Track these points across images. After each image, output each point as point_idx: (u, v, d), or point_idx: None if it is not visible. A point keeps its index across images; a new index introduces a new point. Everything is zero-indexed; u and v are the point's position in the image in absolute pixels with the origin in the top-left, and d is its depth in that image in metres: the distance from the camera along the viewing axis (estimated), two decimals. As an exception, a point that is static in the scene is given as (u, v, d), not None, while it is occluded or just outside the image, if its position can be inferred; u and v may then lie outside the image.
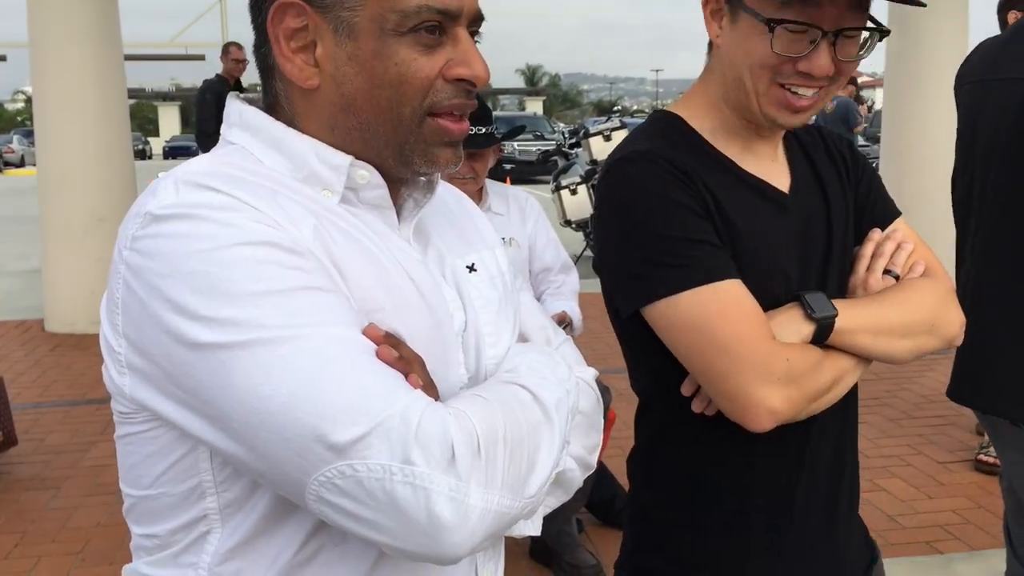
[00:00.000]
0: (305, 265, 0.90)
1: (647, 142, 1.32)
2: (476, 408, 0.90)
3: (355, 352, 0.87)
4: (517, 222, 3.36)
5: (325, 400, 0.83)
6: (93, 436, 4.80)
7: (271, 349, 0.85)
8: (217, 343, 0.85)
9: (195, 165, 0.98)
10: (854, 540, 1.47)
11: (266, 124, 1.02)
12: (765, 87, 1.25)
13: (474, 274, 1.13)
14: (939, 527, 3.66)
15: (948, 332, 1.34)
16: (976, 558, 3.42)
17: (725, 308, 1.20)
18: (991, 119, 1.92)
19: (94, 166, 7.10)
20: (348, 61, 0.97)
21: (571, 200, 9.49)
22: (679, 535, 1.38)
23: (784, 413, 1.20)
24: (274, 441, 0.84)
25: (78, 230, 7.04)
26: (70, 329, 7.06)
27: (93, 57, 7.07)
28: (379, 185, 1.02)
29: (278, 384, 0.84)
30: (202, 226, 0.88)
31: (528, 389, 0.98)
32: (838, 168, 1.43)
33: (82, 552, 3.56)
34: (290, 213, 0.94)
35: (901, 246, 1.38)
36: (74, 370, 6.12)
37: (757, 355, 1.18)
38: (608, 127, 9.64)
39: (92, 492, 4.10)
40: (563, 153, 13.80)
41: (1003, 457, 2.06)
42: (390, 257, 1.01)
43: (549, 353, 1.10)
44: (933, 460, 4.27)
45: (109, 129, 7.25)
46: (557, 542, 3.34)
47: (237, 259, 0.87)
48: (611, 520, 3.70)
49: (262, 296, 0.86)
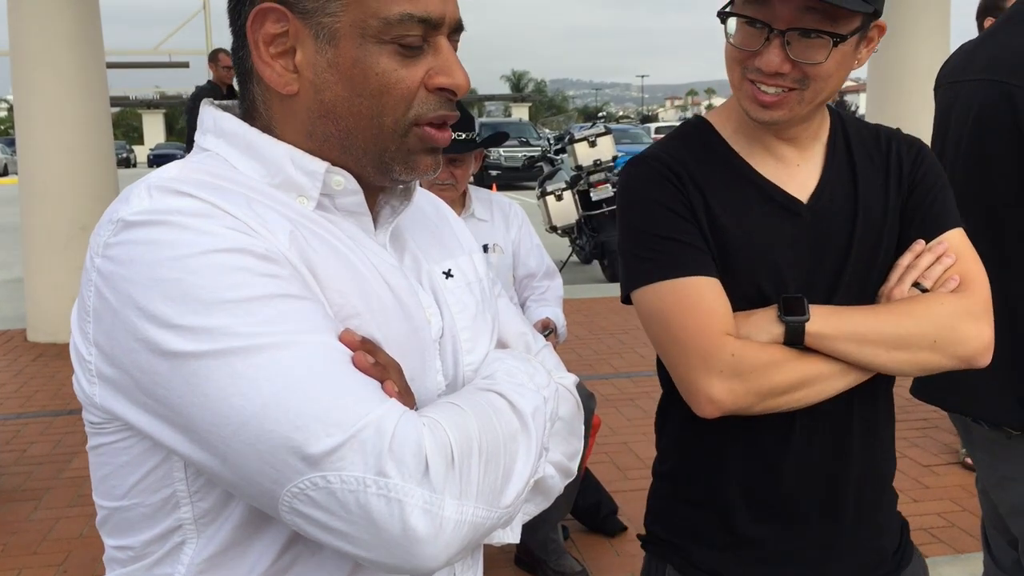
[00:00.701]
0: (279, 272, 0.89)
1: (662, 146, 1.42)
2: (451, 417, 0.89)
3: (329, 360, 0.86)
4: (501, 228, 3.36)
5: (298, 410, 0.82)
6: (75, 447, 4.76)
7: (244, 358, 0.83)
8: (189, 352, 0.84)
9: (168, 171, 0.97)
10: (863, 548, 1.45)
11: (240, 130, 1.01)
12: (738, 81, 1.32)
13: (451, 280, 1.12)
14: (924, 530, 3.67)
15: (960, 350, 1.31)
16: (961, 561, 3.43)
17: (682, 302, 1.30)
18: (958, 119, 1.93)
19: (76, 175, 7.05)
20: (328, 68, 0.96)
21: (557, 206, 9.49)
22: (672, 507, 1.48)
23: (726, 404, 1.27)
24: (246, 452, 0.83)
25: (60, 239, 7.00)
26: (52, 339, 7.01)
27: (75, 65, 7.03)
28: (355, 191, 1.01)
29: (250, 394, 0.83)
30: (175, 233, 0.87)
31: (504, 396, 0.97)
32: (889, 174, 1.41)
33: (64, 564, 3.53)
34: (265, 219, 0.93)
35: (940, 260, 1.36)
36: (56, 380, 6.07)
37: (702, 347, 1.27)
38: (593, 133, 9.65)
39: (74, 503, 4.06)
40: (549, 159, 13.81)
41: (974, 458, 2.07)
42: (366, 263, 1.00)
43: (527, 359, 1.10)
44: (918, 463, 4.28)
45: (92, 137, 7.21)
46: (543, 549, 3.33)
47: (210, 266, 0.86)
48: (597, 527, 3.69)
49: (235, 304, 0.85)
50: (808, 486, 1.39)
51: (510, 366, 1.05)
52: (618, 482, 4.10)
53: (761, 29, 1.25)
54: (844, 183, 1.40)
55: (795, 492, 1.39)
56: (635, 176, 1.39)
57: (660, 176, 1.35)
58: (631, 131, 28.86)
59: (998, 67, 1.84)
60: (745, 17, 1.27)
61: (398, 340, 0.99)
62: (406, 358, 0.98)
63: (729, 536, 1.41)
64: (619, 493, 3.88)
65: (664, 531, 1.49)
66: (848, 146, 1.43)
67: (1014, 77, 1.78)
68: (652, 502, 1.54)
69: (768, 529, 1.40)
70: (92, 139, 7.21)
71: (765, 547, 1.40)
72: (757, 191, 1.37)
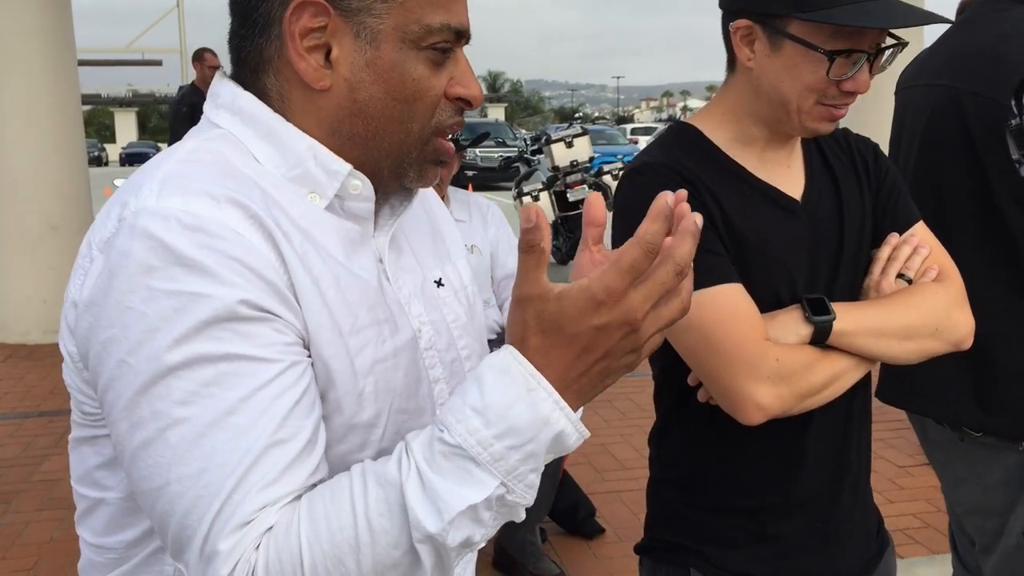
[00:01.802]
0: (251, 331, 0.86)
1: (659, 153, 1.41)
2: (282, 567, 0.81)
3: (238, 450, 0.83)
4: (479, 229, 3.35)
5: (188, 508, 0.83)
6: (46, 449, 4.69)
7: (172, 430, 0.84)
8: (134, 390, 0.85)
9: (184, 152, 0.94)
10: (862, 527, 1.52)
11: (263, 114, 0.98)
12: (810, 107, 1.34)
13: (441, 289, 1.11)
14: (900, 531, 3.68)
15: (954, 336, 1.40)
16: (937, 562, 3.45)
17: (720, 311, 1.28)
18: (911, 125, 1.95)
19: (47, 173, 6.97)
20: (366, 67, 0.95)
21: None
22: (684, 512, 1.47)
23: (773, 409, 1.28)
24: (148, 508, 0.88)
25: (30, 238, 6.90)
26: (23, 339, 6.91)
27: (45, 62, 6.93)
28: (368, 198, 1.00)
29: (161, 468, 0.84)
30: (162, 258, 0.84)
31: (406, 503, 0.81)
32: (858, 172, 1.49)
33: (33, 568, 3.48)
34: (279, 222, 0.91)
35: (917, 251, 1.44)
36: (26, 381, 5.98)
37: (747, 355, 1.27)
38: (570, 134, 9.66)
39: (44, 506, 4.00)
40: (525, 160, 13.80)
41: (931, 460, 2.08)
42: (362, 273, 0.99)
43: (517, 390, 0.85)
44: (893, 464, 4.31)
45: (62, 135, 7.12)
46: (520, 552, 3.31)
47: (177, 315, 0.83)
48: (575, 529, 3.68)
49: (184, 367, 0.83)
50: (820, 477, 1.44)
51: (473, 426, 0.81)
52: (596, 484, 4.09)
53: (851, 56, 1.30)
54: (826, 181, 1.46)
55: (810, 485, 1.43)
56: (644, 185, 1.34)
57: (673, 183, 1.32)
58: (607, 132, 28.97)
59: (946, 71, 1.85)
60: (857, 51, 1.30)
61: (397, 352, 0.99)
62: (403, 372, 0.98)
63: (750, 535, 1.43)
64: (597, 495, 3.87)
65: (678, 536, 1.48)
66: (818, 146, 1.49)
67: (960, 80, 1.79)
68: (658, 508, 1.53)
69: (787, 524, 1.43)
70: (63, 137, 7.13)
71: (785, 541, 1.43)
72: (760, 195, 1.40)
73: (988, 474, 1.88)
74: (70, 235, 6.81)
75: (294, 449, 0.85)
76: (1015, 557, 1.87)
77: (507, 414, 0.80)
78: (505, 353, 0.82)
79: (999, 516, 1.88)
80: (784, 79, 1.33)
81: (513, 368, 0.81)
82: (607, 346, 0.80)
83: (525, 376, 0.80)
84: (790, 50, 1.31)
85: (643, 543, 1.55)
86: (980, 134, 1.75)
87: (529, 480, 0.82)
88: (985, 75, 1.74)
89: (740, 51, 1.36)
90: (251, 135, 0.98)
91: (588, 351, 0.80)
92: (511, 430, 0.80)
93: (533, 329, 0.81)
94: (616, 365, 0.82)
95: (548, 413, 0.80)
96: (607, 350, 0.81)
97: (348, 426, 0.94)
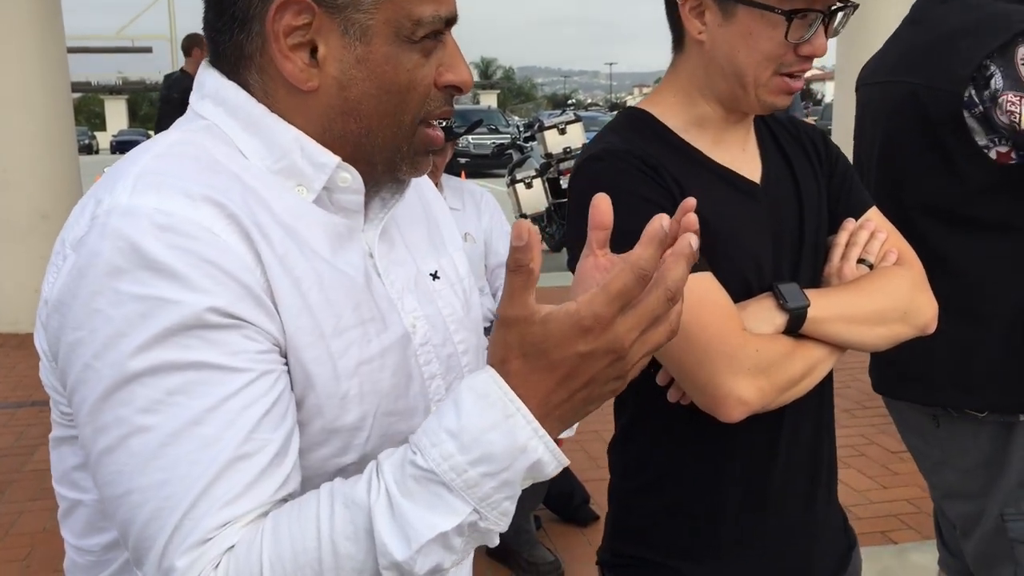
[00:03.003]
0: (225, 339, 0.83)
1: (617, 139, 1.34)
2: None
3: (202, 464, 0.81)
4: (472, 217, 3.34)
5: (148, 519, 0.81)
6: (38, 439, 4.67)
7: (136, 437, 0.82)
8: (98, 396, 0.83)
9: (162, 147, 0.92)
10: (831, 529, 1.48)
11: (247, 104, 0.95)
12: (767, 77, 1.28)
13: (437, 282, 1.09)
14: (893, 516, 3.70)
15: (920, 319, 1.37)
16: (930, 547, 3.43)
17: (694, 302, 1.19)
18: (872, 121, 1.97)
19: (37, 162, 6.93)
20: (357, 64, 0.92)
21: (526, 194, 9.45)
22: (655, 522, 1.40)
23: (755, 403, 1.22)
24: (111, 514, 0.86)
25: (21, 228, 6.87)
26: (13, 329, 6.88)
27: (35, 50, 6.88)
28: (358, 190, 0.98)
29: (124, 475, 0.82)
30: (132, 261, 0.82)
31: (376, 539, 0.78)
32: (810, 157, 1.45)
33: (26, 559, 3.47)
34: (257, 219, 0.88)
35: (875, 235, 1.40)
36: (18, 371, 5.96)
37: (727, 348, 1.20)
38: (563, 120, 9.61)
39: (37, 496, 3.99)
40: (518, 147, 13.75)
41: (908, 445, 2.09)
42: (348, 269, 0.96)
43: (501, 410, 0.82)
44: (886, 450, 4.31)
45: (52, 123, 7.07)
46: (515, 540, 3.31)
47: (144, 321, 0.81)
48: (569, 516, 3.69)
49: (150, 374, 0.81)
50: (795, 476, 1.39)
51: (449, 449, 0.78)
52: (590, 471, 4.09)
53: (807, 17, 1.25)
54: (781, 165, 1.42)
55: (785, 485, 1.38)
56: (605, 171, 1.28)
57: (636, 170, 1.27)
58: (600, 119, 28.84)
59: (901, 67, 1.87)
60: (813, 11, 1.25)
61: (384, 352, 0.96)
62: (391, 373, 0.96)
63: (724, 542, 1.36)
64: (591, 482, 3.87)
65: (646, 551, 1.40)
66: (770, 130, 1.45)
67: (915, 75, 1.81)
68: (623, 518, 1.46)
69: (763, 527, 1.38)
70: (53, 125, 7.08)
71: (761, 546, 1.37)
72: (720, 179, 1.34)
73: (964, 458, 1.89)
74: (61, 224, 6.47)
75: (260, 463, 0.82)
76: (994, 540, 1.88)
77: (483, 439, 0.76)
78: (485, 376, 0.78)
79: (977, 500, 1.89)
80: (740, 49, 1.27)
81: (492, 392, 0.77)
82: (591, 373, 0.77)
83: (504, 401, 0.77)
84: (744, 16, 1.26)
85: (607, 558, 1.47)
86: (941, 124, 1.76)
87: (503, 508, 0.79)
88: (940, 68, 1.76)
89: (690, 24, 1.30)
90: (235, 126, 0.95)
91: (571, 378, 0.77)
92: (486, 457, 0.77)
93: (515, 352, 0.77)
94: (599, 392, 0.79)
95: (525, 441, 0.77)
96: (591, 377, 0.77)
97: (329, 430, 0.91)
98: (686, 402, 1.28)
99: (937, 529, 2.21)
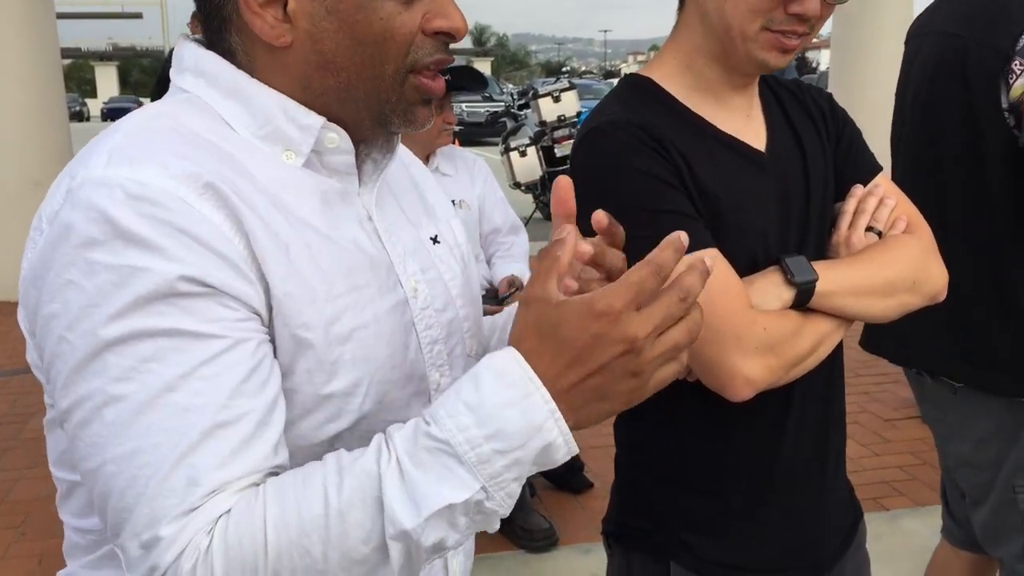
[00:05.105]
0: (200, 307, 0.81)
1: (620, 109, 1.30)
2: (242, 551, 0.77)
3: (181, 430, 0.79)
4: (466, 183, 3.32)
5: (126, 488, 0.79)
6: (33, 407, 4.67)
7: (111, 407, 0.80)
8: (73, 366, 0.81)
9: (139, 120, 0.90)
10: (838, 502, 1.46)
11: (227, 72, 0.93)
12: (755, 32, 1.23)
13: (438, 246, 1.07)
14: (885, 483, 3.72)
15: (931, 288, 1.34)
16: (922, 513, 3.49)
17: None
18: (918, 73, 1.94)
19: (27, 129, 6.87)
20: (327, 16, 0.89)
21: (520, 162, 9.42)
22: (660, 496, 1.38)
23: (762, 382, 1.19)
24: (90, 488, 0.83)
25: (12, 195, 6.82)
26: (6, 296, 6.82)
27: (23, 15, 6.80)
28: (348, 151, 0.96)
29: (99, 448, 0.80)
30: (106, 231, 0.80)
31: (383, 497, 0.77)
32: (816, 123, 1.41)
33: (21, 526, 3.48)
34: (238, 188, 0.86)
35: (883, 202, 1.37)
36: (12, 338, 5.95)
37: (734, 327, 1.17)
38: (557, 88, 9.55)
39: (32, 464, 3.99)
40: (512, 114, 13.70)
41: (926, 414, 2.09)
42: (341, 236, 0.95)
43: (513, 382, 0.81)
44: (879, 417, 4.34)
45: (42, 90, 7.01)
46: (509, 506, 3.33)
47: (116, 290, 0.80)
48: (564, 484, 3.71)
49: (123, 342, 0.79)
50: (803, 452, 1.37)
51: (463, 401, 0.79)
52: (584, 438, 4.09)
53: None
54: (785, 132, 1.37)
55: (793, 461, 1.36)
56: (608, 145, 1.24)
57: (640, 143, 1.23)
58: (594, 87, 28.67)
59: (956, 20, 1.84)
60: None
61: (379, 318, 0.94)
62: (387, 340, 0.95)
63: (731, 519, 1.35)
64: (585, 450, 3.87)
65: (654, 524, 1.38)
66: (774, 93, 1.41)
67: (968, 29, 1.78)
68: (630, 491, 1.44)
69: (771, 503, 1.36)
70: (42, 92, 7.02)
71: (769, 523, 1.36)
72: (726, 149, 1.30)
73: (979, 428, 1.89)
74: (52, 191, 6.72)
75: (243, 431, 0.80)
76: (1004, 511, 1.89)
77: (499, 415, 0.77)
78: (506, 355, 0.79)
79: (990, 470, 1.89)
80: (726, 1, 1.23)
81: (512, 370, 0.78)
82: (601, 360, 0.77)
83: (524, 380, 0.77)
84: None
85: (612, 528, 1.45)
86: (978, 80, 1.74)
87: (510, 489, 0.79)
88: (993, 24, 1.74)
89: None
90: (216, 96, 0.93)
91: (580, 361, 0.77)
92: (501, 433, 0.77)
93: (531, 330, 0.79)
94: (613, 386, 0.78)
95: (541, 422, 0.77)
96: (601, 364, 0.77)
97: (322, 396, 0.90)
98: (692, 379, 1.26)
99: (943, 498, 2.22)
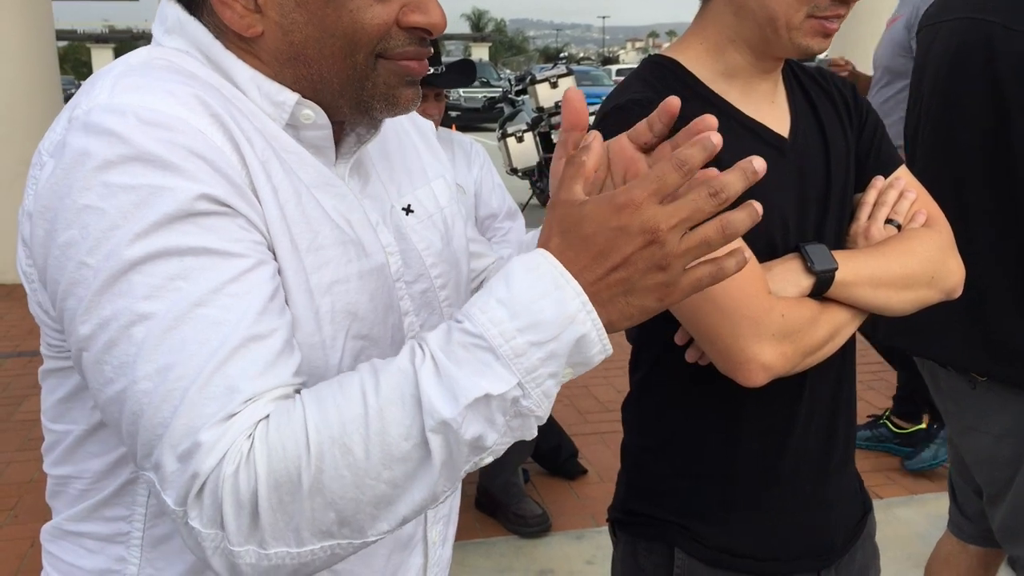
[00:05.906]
0: (222, 226, 0.81)
1: (643, 88, 1.29)
2: (285, 452, 0.76)
3: (214, 345, 0.78)
4: (463, 168, 3.30)
5: (159, 405, 0.77)
6: (25, 389, 4.66)
7: (137, 325, 0.78)
8: (94, 290, 0.79)
9: (139, 56, 0.89)
10: (846, 493, 1.45)
11: (207, 39, 0.92)
12: (800, 20, 1.24)
13: (411, 216, 1.06)
14: (880, 472, 3.73)
15: (948, 283, 1.33)
16: (915, 502, 3.49)
17: None
18: (936, 58, 1.91)
19: (21, 112, 6.85)
20: (297, 8, 0.88)
21: (518, 148, 9.41)
22: (667, 482, 1.38)
23: (778, 369, 1.19)
24: (112, 410, 0.81)
25: (6, 178, 6.80)
26: (0, 279, 6.84)
27: (17, -5, 6.76)
28: (324, 126, 0.95)
29: (127, 367, 0.78)
30: (125, 154, 0.79)
31: (420, 391, 0.77)
32: (839, 112, 1.40)
33: (14, 508, 3.47)
34: (240, 124, 0.86)
35: (904, 195, 1.36)
36: (5, 321, 5.94)
37: (751, 312, 1.17)
38: (555, 74, 9.54)
39: (24, 447, 3.99)
40: (509, 100, 13.65)
41: (941, 408, 2.07)
42: (328, 198, 0.94)
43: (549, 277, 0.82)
44: (873, 406, 4.33)
45: (37, 72, 6.98)
46: (503, 493, 3.33)
47: (137, 208, 0.78)
48: (557, 470, 3.70)
49: (145, 262, 0.78)
50: (812, 442, 1.37)
51: (495, 315, 0.78)
52: (578, 425, 4.11)
53: None
54: (809, 117, 1.37)
55: (801, 450, 1.35)
56: (629, 122, 1.21)
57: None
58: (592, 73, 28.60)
59: (976, 5, 1.81)
60: None
61: (361, 277, 0.94)
62: (368, 297, 0.94)
63: (737, 506, 1.35)
64: (579, 436, 3.89)
65: (660, 510, 1.38)
66: (798, 80, 1.41)
67: (992, 14, 1.76)
68: (636, 477, 1.44)
69: (778, 492, 1.35)
70: (37, 74, 6.99)
71: (775, 512, 1.36)
72: (748, 132, 1.30)
73: (999, 423, 1.87)
74: (46, 174, 6.68)
75: (274, 346, 0.80)
76: (1023, 509, 1.86)
77: (532, 307, 0.77)
78: (536, 253, 0.80)
79: (1009, 466, 1.87)
80: None
81: (542, 266, 0.78)
82: (625, 253, 0.77)
83: (555, 274, 0.78)
84: None
85: (618, 516, 1.46)
86: (1006, 68, 1.72)
87: (546, 386, 0.78)
88: (1019, 7, 1.71)
89: None
90: (200, 58, 0.92)
91: (604, 255, 0.77)
92: (535, 324, 0.76)
93: (556, 230, 0.80)
94: (639, 280, 0.78)
95: (575, 312, 0.77)
96: (625, 257, 0.77)
97: (307, 344, 0.89)
98: (704, 363, 1.26)
99: (951, 493, 2.20)
